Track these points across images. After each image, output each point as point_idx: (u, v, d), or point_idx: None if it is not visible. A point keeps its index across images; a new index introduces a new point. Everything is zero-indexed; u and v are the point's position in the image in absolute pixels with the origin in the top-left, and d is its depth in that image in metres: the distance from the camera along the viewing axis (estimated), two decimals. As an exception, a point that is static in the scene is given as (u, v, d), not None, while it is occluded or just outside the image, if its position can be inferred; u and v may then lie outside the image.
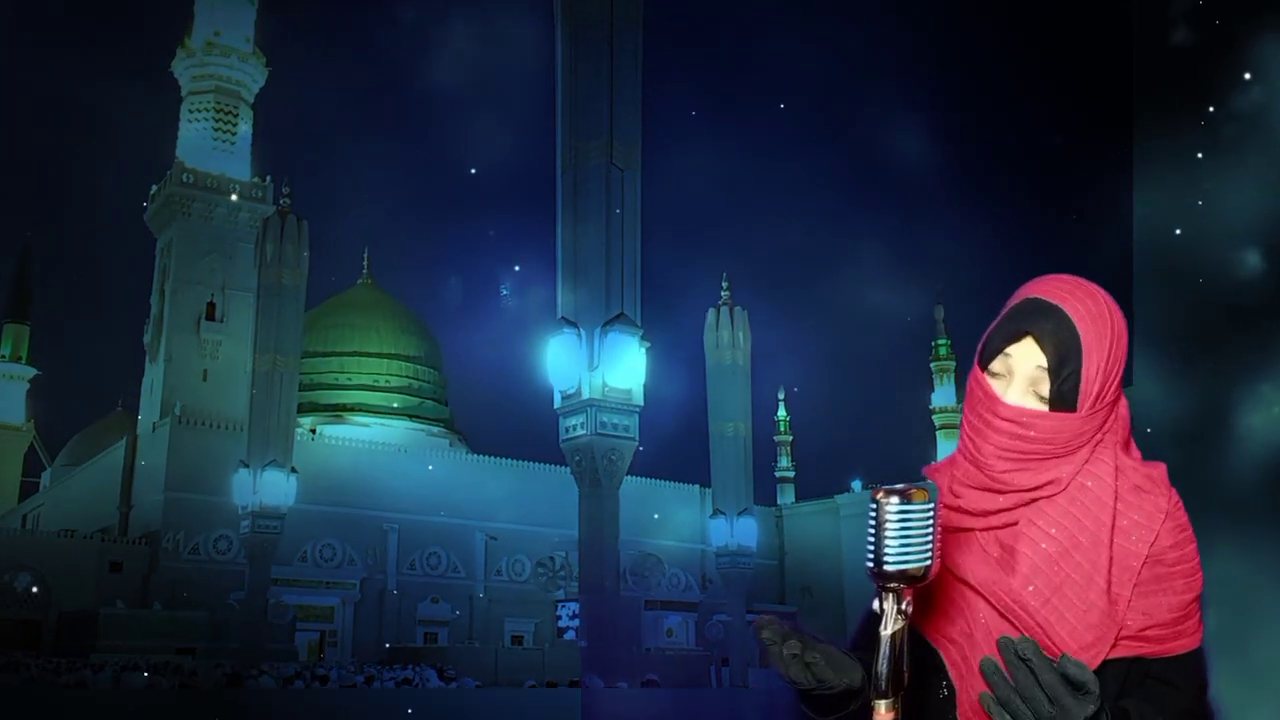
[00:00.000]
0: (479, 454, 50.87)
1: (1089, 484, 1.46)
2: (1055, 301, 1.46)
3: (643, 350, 30.34)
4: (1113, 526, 1.44)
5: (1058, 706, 1.22)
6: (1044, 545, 1.45)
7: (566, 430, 30.21)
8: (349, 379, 54.30)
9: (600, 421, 29.50)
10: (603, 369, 29.43)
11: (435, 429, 55.08)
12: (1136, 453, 1.52)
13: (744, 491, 42.02)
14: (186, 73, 51.53)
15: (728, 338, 42.16)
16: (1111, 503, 1.45)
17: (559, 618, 40.34)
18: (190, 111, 51.63)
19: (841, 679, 1.44)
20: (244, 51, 52.03)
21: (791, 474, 62.53)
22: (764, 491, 53.44)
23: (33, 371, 72.65)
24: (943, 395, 57.33)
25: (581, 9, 30.98)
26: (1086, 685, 1.23)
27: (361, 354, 54.87)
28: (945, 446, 56.27)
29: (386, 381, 55.00)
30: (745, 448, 42.10)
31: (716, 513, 41.99)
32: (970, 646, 1.51)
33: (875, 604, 1.26)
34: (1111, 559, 1.43)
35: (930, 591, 1.41)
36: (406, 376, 55.73)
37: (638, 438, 30.08)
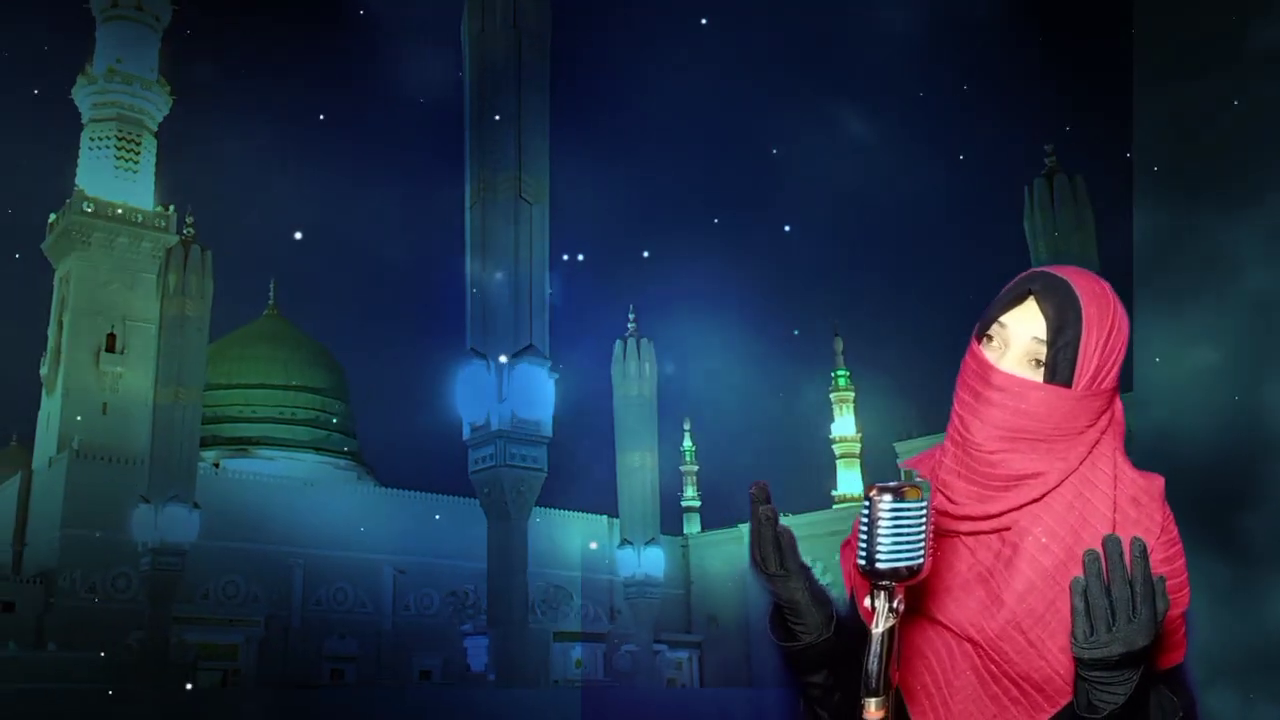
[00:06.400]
0: (387, 486, 50.44)
1: (1086, 492, 1.41)
2: (1060, 274, 1.43)
3: (551, 381, 30.54)
4: None
5: (1138, 617, 1.21)
6: (1040, 557, 1.39)
7: (475, 462, 30.24)
8: (254, 412, 53.47)
9: (509, 453, 29.59)
10: (511, 400, 29.55)
11: (343, 462, 54.47)
12: (1130, 463, 1.46)
13: (651, 521, 42.39)
14: (87, 100, 50.62)
15: (635, 369, 42.62)
16: (1110, 514, 1.40)
17: (467, 650, 40.13)
18: (91, 140, 50.71)
19: (815, 607, 1.44)
20: (147, 80, 51.27)
21: (697, 503, 63.11)
22: (671, 521, 53.91)
23: (-79, 405, 70.27)
24: (842, 425, 58.66)
25: (489, 44, 31.36)
26: (1159, 616, 1.23)
27: (267, 386, 54.09)
28: (845, 475, 57.50)
29: (292, 414, 54.27)
30: (652, 478, 42.52)
31: (624, 543, 42.25)
32: (942, 673, 1.47)
33: (867, 601, 1.26)
34: None
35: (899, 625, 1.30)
36: (313, 409, 55.06)
37: (546, 469, 30.23)
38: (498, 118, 30.86)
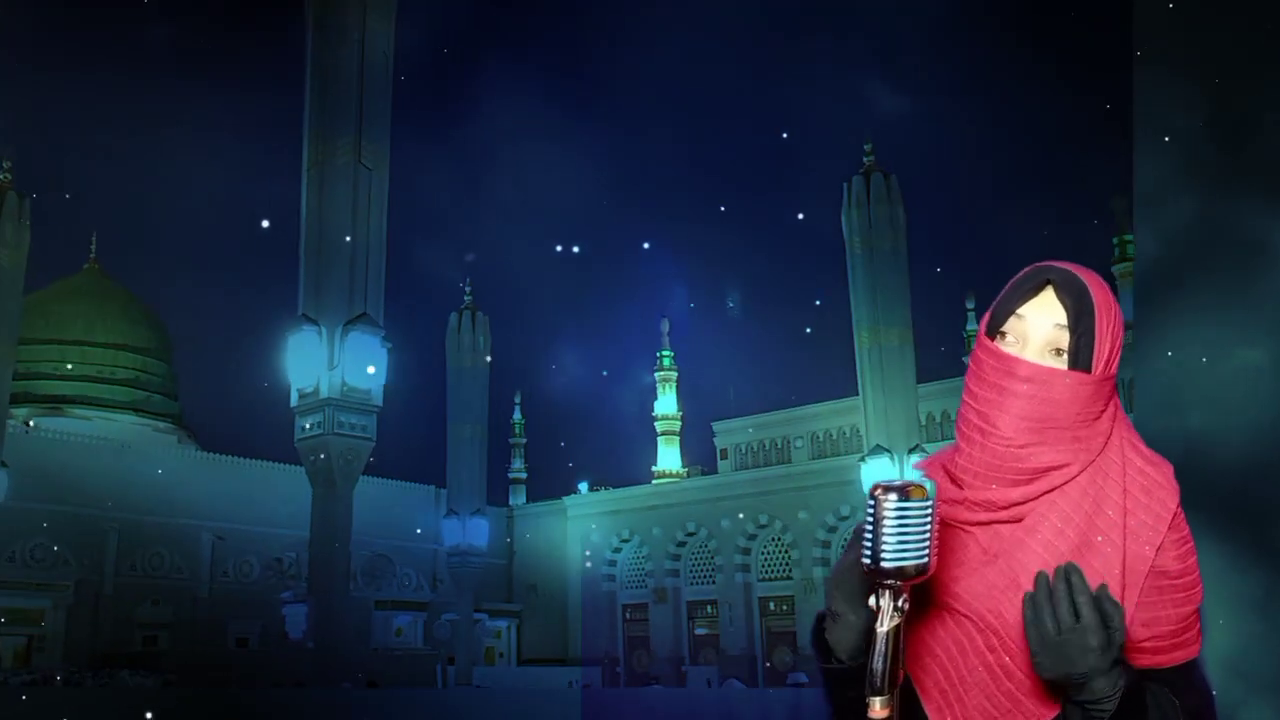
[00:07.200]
0: (210, 451, 49.38)
1: (1099, 479, 1.43)
2: (1063, 266, 1.45)
3: (384, 351, 30.56)
4: (1124, 527, 1.41)
5: (1080, 622, 1.27)
6: (1056, 542, 1.41)
7: (302, 429, 30.05)
8: (69, 369, 51.39)
9: (337, 421, 29.50)
10: (342, 368, 29.48)
11: (163, 424, 52.95)
12: (1145, 447, 1.48)
13: (478, 492, 42.88)
14: (-105, 32, 47.75)
15: (469, 341, 42.90)
16: (1122, 501, 1.41)
17: (285, 618, 39.87)
18: (-103, 74, 47.86)
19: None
20: (-37, 15, 48.65)
21: (524, 475, 63.74)
22: (498, 493, 54.57)
23: None
24: (665, 404, 60.39)
25: (331, 5, 31.01)
26: (1113, 620, 1.29)
27: (85, 343, 52.05)
28: (665, 451, 59.24)
29: (111, 373, 52.40)
30: (481, 449, 42.97)
31: (450, 513, 42.59)
32: (954, 669, 1.47)
33: (872, 600, 1.26)
34: (1124, 562, 1.40)
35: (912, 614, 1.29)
36: (133, 369, 53.27)
37: (375, 438, 30.29)
38: (337, 82, 30.63)
